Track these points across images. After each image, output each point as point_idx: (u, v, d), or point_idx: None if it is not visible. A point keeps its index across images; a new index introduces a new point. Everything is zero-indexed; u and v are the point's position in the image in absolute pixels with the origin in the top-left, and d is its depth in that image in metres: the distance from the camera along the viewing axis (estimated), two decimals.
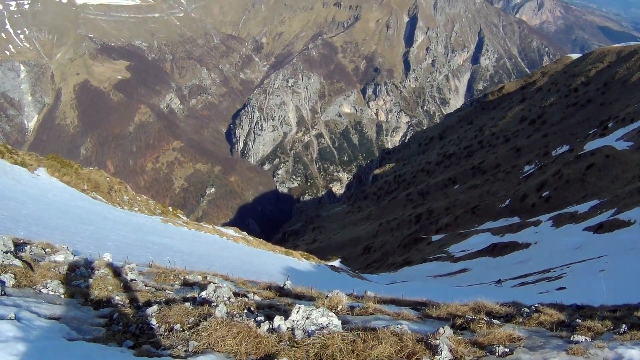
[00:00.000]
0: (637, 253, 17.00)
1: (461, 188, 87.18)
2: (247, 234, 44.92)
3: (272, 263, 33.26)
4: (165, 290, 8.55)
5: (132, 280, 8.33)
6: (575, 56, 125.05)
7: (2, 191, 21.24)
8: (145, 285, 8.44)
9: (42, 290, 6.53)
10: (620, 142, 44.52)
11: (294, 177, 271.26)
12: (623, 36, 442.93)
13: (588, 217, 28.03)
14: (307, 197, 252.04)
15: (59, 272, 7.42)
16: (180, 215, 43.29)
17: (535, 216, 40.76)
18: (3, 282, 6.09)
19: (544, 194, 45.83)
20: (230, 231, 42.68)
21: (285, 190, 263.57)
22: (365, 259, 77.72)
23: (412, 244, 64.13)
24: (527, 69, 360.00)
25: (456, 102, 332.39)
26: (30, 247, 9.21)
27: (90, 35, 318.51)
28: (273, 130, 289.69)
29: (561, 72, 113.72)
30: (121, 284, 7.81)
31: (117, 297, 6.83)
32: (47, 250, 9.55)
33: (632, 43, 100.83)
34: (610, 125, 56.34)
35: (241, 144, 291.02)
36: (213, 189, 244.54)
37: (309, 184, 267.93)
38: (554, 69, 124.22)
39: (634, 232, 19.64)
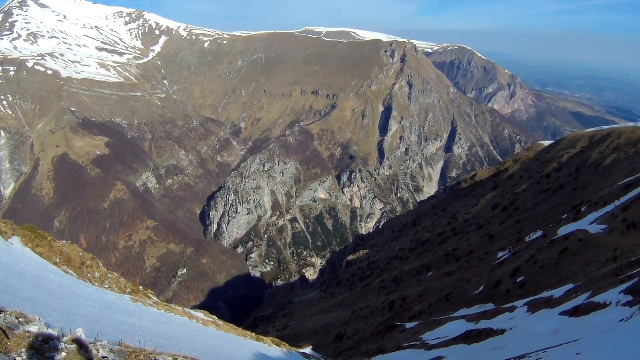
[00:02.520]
0: (613, 334, 16.85)
1: (435, 275, 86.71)
2: (217, 318, 43.74)
3: (242, 349, 32.20)
4: None
5: (103, 357, 8.10)
6: (547, 142, 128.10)
7: None
8: None
9: (16, 358, 6.28)
10: (593, 226, 44.87)
11: (267, 261, 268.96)
12: (595, 120, 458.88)
13: (563, 302, 27.81)
14: (279, 282, 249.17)
15: (33, 343, 7.16)
16: (151, 295, 42.15)
17: (509, 302, 40.39)
18: None
19: (518, 280, 45.62)
20: (200, 314, 41.54)
21: (257, 275, 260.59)
22: (338, 347, 76.00)
23: (386, 332, 62.93)
24: (499, 157, 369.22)
25: (429, 189, 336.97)
26: (4, 315, 8.90)
27: (72, 108, 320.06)
28: (247, 214, 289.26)
29: (533, 159, 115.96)
30: None
31: None
32: (20, 319, 9.21)
33: (605, 127, 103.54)
34: (583, 209, 56.97)
35: (215, 226, 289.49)
36: (184, 270, 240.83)
37: (281, 269, 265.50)
38: (525, 155, 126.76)
39: (609, 314, 19.52)
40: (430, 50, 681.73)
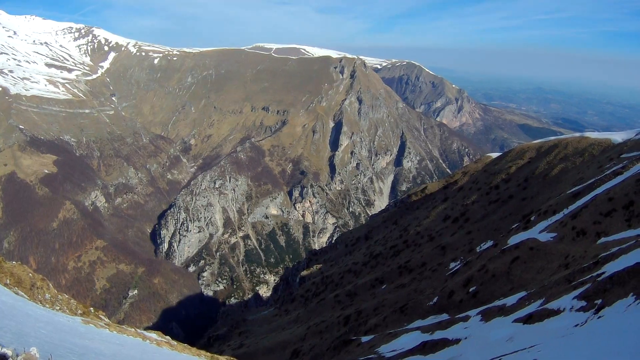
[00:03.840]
0: (568, 340, 17.08)
1: (389, 287, 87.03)
2: (170, 338, 42.91)
3: None
4: None
5: None
6: (495, 155, 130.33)
7: None
8: None
9: None
10: (543, 234, 45.73)
11: (220, 279, 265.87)
12: (543, 132, 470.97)
13: (517, 309, 28.18)
14: (233, 300, 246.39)
15: None
16: (102, 317, 41.16)
17: (463, 312, 40.78)
18: None
19: (471, 290, 46.13)
20: (154, 335, 40.69)
21: (210, 293, 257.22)
22: None
23: (342, 346, 62.75)
24: (448, 170, 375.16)
25: (381, 203, 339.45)
26: None
27: (20, 126, 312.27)
28: (199, 232, 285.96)
29: (481, 171, 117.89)
30: None
31: None
32: None
33: (552, 138, 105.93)
34: (532, 218, 58.07)
35: (166, 245, 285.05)
36: (136, 291, 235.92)
37: (235, 287, 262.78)
38: (474, 168, 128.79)
39: (563, 320, 19.83)
40: (379, 66, 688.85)
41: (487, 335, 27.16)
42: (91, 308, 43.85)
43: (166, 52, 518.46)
